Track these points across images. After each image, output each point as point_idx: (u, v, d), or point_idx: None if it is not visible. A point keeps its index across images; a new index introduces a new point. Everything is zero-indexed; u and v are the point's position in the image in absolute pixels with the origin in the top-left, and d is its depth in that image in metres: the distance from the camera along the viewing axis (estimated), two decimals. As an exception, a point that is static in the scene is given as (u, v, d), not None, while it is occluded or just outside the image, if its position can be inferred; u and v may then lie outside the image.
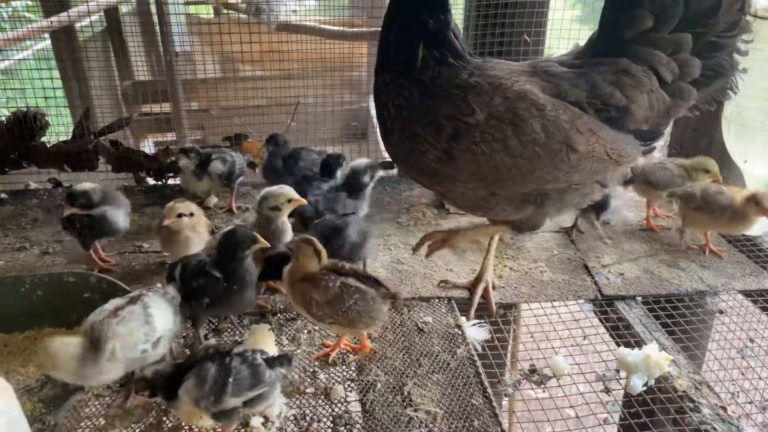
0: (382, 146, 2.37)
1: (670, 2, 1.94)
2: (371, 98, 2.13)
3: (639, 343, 2.21)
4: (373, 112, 2.11)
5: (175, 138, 5.49)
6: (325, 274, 2.00)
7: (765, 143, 2.67)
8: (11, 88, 4.72)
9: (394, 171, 3.52)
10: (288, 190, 2.42)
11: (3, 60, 5.45)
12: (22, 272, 2.59)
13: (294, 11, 6.41)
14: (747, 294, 2.54)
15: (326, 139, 4.22)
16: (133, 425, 1.87)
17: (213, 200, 3.29)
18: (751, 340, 2.29)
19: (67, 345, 1.73)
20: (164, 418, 1.89)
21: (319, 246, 2.03)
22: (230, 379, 1.67)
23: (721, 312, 2.45)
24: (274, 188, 2.44)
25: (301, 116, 4.24)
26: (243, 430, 1.86)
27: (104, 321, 1.76)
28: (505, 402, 3.67)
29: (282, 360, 1.80)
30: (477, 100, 1.89)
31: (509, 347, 2.99)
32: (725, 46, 2.01)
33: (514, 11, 3.38)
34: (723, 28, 1.99)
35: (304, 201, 2.44)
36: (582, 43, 2.19)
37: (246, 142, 3.43)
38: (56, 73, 5.62)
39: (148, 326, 1.82)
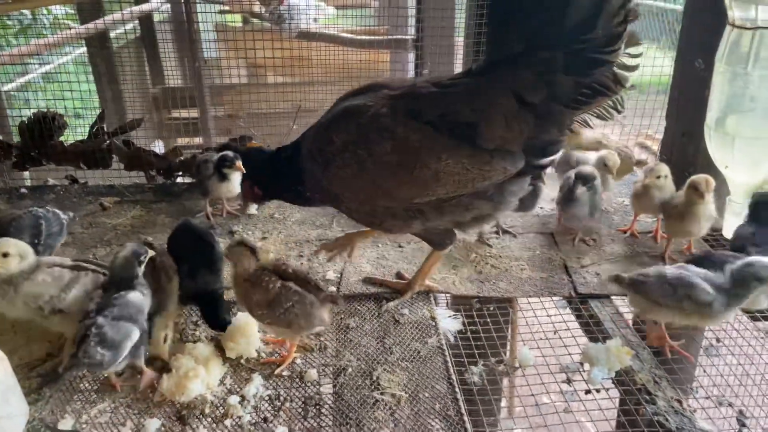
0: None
1: (537, 23, 1.91)
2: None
3: (606, 339, 2.29)
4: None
5: (202, 141, 5.73)
6: (267, 275, 2.08)
7: (743, 150, 2.73)
8: (51, 91, 5.02)
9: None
10: None
11: (43, 64, 5.75)
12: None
13: (315, 20, 6.62)
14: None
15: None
16: (121, 399, 2.03)
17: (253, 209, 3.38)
18: (718, 340, 2.35)
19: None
20: (150, 393, 2.04)
21: (252, 244, 2.15)
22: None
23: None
24: None
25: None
26: (220, 407, 2.00)
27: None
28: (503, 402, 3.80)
29: None
30: (336, 130, 2.17)
31: (508, 339, 3.10)
32: (605, 62, 1.91)
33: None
34: (602, 43, 1.87)
35: None
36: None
37: (249, 144, 3.59)
38: (91, 78, 5.94)
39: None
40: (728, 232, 2.98)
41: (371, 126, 2.09)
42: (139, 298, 2.02)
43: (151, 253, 2.13)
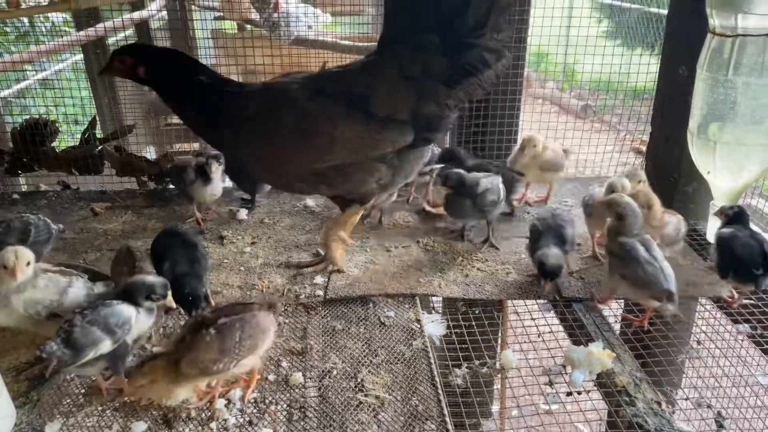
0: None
1: (424, 10, 2.23)
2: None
3: (589, 342, 2.32)
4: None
5: (199, 147, 5.76)
6: (192, 331, 1.97)
7: (724, 156, 2.77)
8: (50, 97, 5.05)
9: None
10: None
11: (41, 71, 5.78)
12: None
13: (309, 27, 6.66)
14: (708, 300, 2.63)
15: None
16: (108, 403, 2.05)
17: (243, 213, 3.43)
18: (699, 343, 2.39)
19: None
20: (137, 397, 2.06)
21: (157, 363, 1.93)
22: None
23: (675, 316, 2.55)
24: None
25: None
26: (206, 411, 2.03)
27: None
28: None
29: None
30: (249, 100, 2.38)
31: (498, 341, 3.13)
32: (474, 46, 2.22)
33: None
34: (470, 28, 2.20)
35: None
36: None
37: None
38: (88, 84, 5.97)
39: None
40: (711, 235, 3.03)
41: (279, 98, 2.37)
42: (130, 312, 2.00)
43: (167, 302, 2.10)
